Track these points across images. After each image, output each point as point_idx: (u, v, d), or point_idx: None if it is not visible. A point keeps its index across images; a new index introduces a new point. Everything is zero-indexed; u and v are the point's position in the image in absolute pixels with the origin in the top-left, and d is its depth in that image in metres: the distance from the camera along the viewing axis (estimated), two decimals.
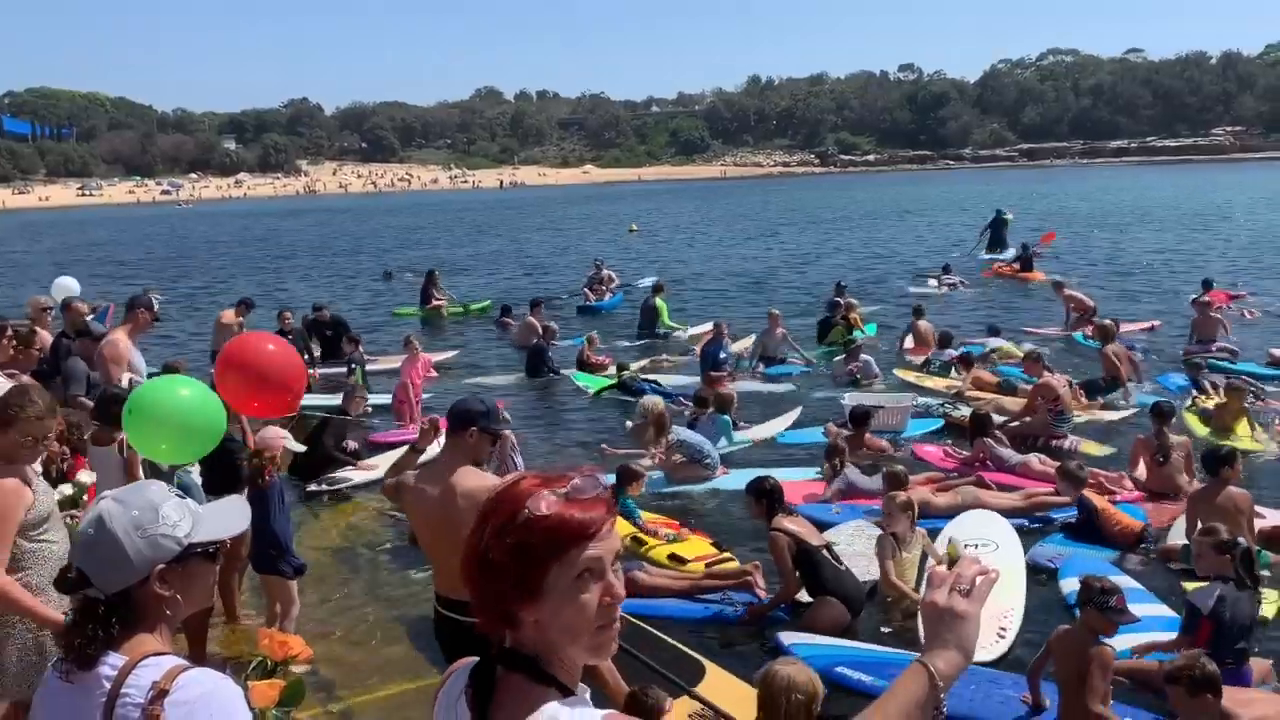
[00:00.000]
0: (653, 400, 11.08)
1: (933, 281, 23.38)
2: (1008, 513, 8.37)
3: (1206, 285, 18.92)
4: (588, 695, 1.61)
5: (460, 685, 1.67)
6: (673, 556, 7.78)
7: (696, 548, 8.03)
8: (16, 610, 3.83)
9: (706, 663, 5.91)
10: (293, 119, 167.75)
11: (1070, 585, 6.66)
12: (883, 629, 6.71)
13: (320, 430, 10.20)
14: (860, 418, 10.51)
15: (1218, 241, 32.50)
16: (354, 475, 10.13)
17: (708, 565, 7.56)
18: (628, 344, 17.48)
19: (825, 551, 6.64)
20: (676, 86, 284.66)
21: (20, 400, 4.02)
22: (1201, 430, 10.48)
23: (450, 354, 16.87)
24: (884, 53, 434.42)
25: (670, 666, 5.28)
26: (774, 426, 11.84)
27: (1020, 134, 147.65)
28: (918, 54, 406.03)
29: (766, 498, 6.78)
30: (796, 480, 9.47)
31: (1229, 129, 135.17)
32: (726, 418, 11.18)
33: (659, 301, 18.34)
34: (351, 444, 10.65)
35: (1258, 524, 7.42)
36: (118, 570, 2.00)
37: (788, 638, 6.26)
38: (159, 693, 1.92)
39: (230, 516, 2.25)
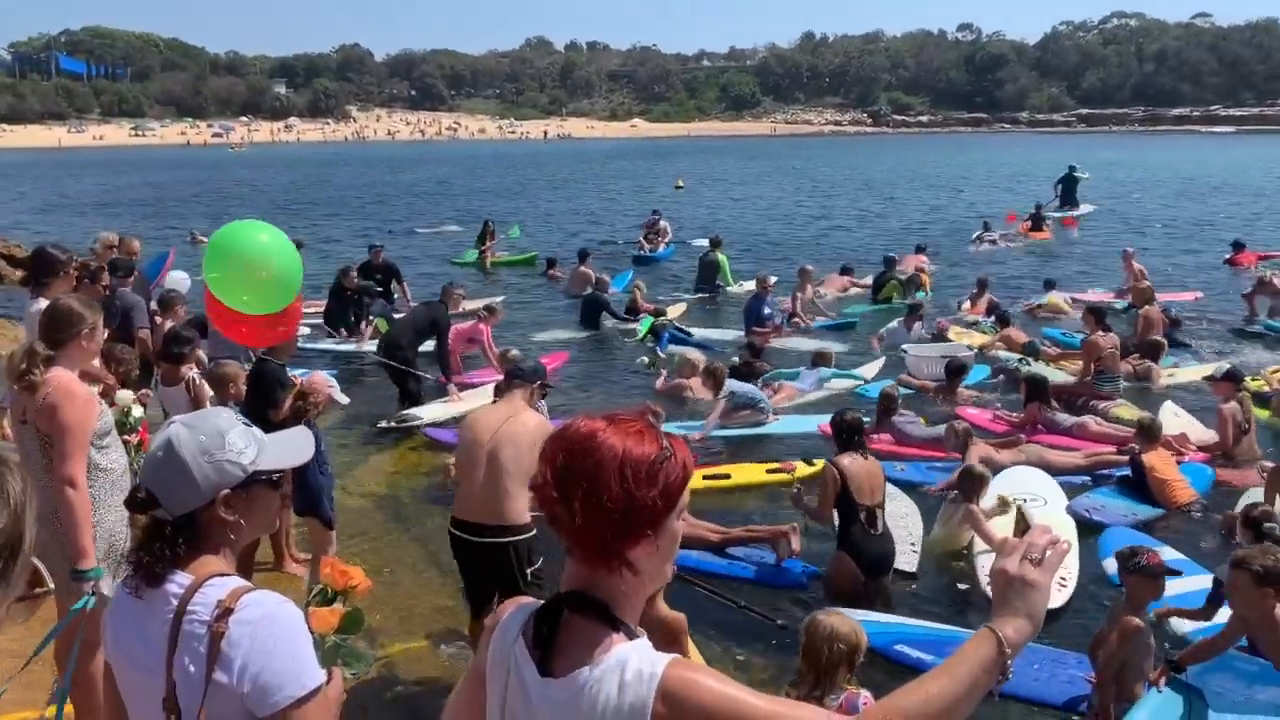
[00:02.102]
0: (695, 354, 11.20)
1: (975, 240, 23.98)
2: (1070, 471, 8.45)
3: (1238, 246, 19.84)
4: (646, 638, 1.63)
5: (516, 625, 1.69)
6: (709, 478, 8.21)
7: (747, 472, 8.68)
8: (74, 528, 3.87)
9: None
10: (343, 64, 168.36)
11: (1112, 565, 6.57)
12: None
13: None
14: (956, 370, 10.95)
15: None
16: (423, 413, 10.24)
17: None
18: (688, 298, 17.38)
19: (865, 513, 6.51)
20: (729, 40, 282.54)
21: (73, 314, 4.12)
22: (1261, 414, 9.91)
23: (498, 299, 16.98)
24: (942, 12, 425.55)
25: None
26: (865, 373, 12.05)
27: (1079, 99, 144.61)
28: (977, 14, 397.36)
29: (840, 430, 6.81)
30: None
31: None
32: (827, 371, 11.71)
33: (720, 256, 18.25)
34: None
35: None
36: (184, 493, 2.05)
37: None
38: (224, 610, 1.96)
39: (295, 446, 2.28)
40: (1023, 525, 7.18)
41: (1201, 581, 6.05)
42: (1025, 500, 7.42)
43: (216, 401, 6.18)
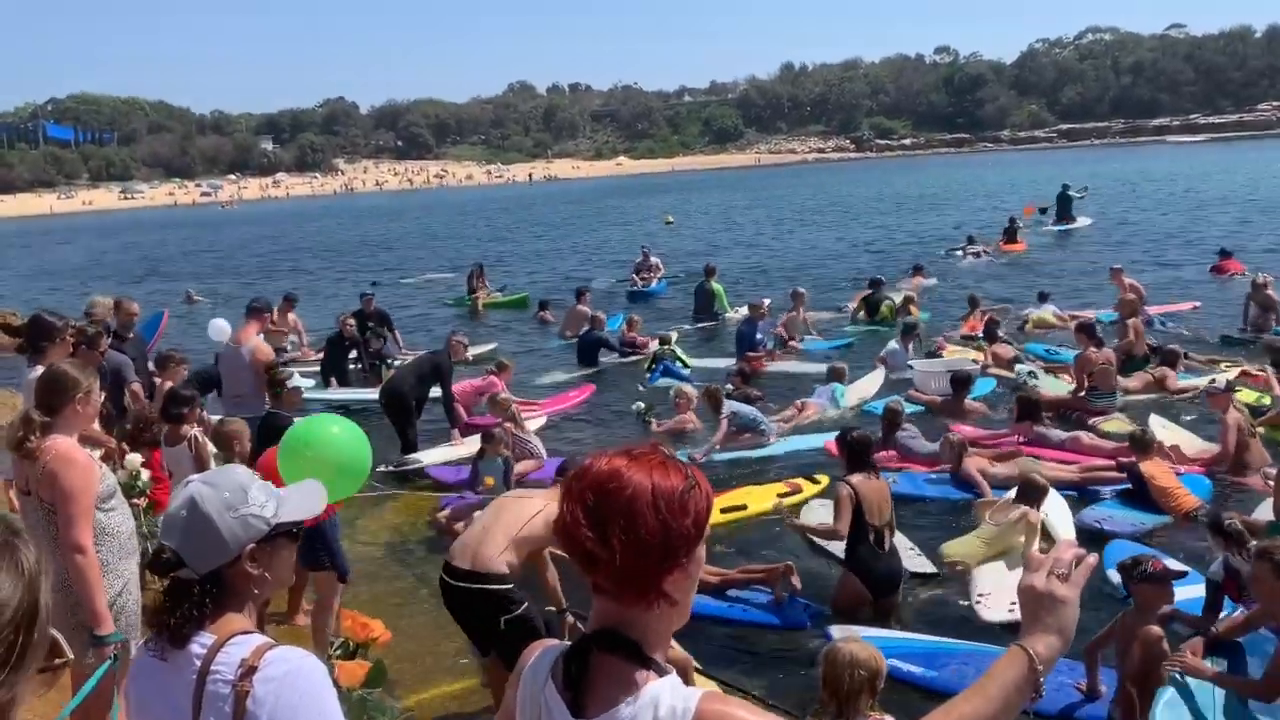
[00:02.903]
0: (689, 387, 11.50)
1: (959, 253, 24.95)
2: (1062, 485, 8.50)
3: (1224, 254, 20.27)
4: (675, 675, 1.62)
5: (545, 668, 1.68)
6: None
7: (758, 498, 8.68)
8: (86, 593, 3.85)
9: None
10: (328, 118, 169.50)
11: (1115, 577, 6.55)
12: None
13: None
14: (961, 382, 11.07)
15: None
16: (423, 457, 10.27)
17: (778, 497, 8.27)
18: (687, 328, 17.49)
19: (874, 533, 6.57)
20: (709, 75, 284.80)
21: (67, 379, 4.12)
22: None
23: (490, 346, 17.00)
24: (919, 36, 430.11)
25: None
26: (869, 387, 12.40)
27: (1059, 114, 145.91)
28: (953, 36, 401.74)
29: (848, 448, 6.88)
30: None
31: (1276, 104, 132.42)
32: (839, 386, 11.92)
33: (715, 285, 18.38)
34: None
35: None
36: (212, 550, 2.05)
37: (837, 631, 6.16)
38: (248, 669, 1.96)
39: (308, 498, 2.29)
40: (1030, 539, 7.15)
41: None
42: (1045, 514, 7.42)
43: (223, 459, 6.16)
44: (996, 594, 6.57)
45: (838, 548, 7.06)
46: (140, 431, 6.81)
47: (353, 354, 14.69)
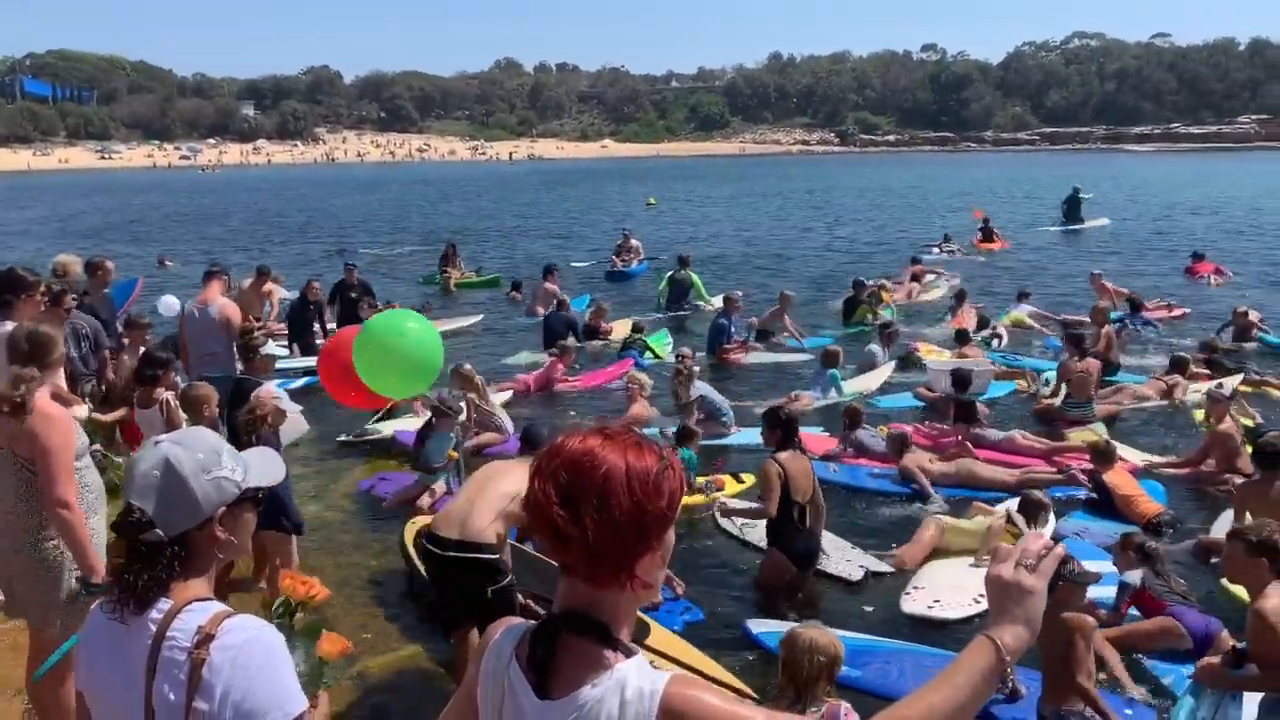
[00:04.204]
0: (644, 376, 11.48)
1: (935, 250, 24.98)
2: (996, 486, 8.71)
3: (1197, 256, 21.41)
4: (642, 655, 1.62)
5: (509, 647, 1.68)
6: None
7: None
8: (77, 546, 3.92)
9: (650, 620, 6.05)
10: (312, 86, 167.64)
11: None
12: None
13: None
14: (961, 381, 10.96)
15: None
16: (384, 428, 10.28)
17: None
18: (658, 316, 17.44)
19: (798, 510, 6.73)
20: (697, 61, 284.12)
21: (51, 340, 4.15)
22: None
23: (476, 319, 16.97)
24: (907, 32, 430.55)
25: None
26: (872, 381, 12.45)
27: (1043, 118, 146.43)
28: (941, 34, 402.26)
29: (781, 427, 6.97)
30: (817, 434, 10.27)
31: (1255, 117, 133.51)
32: (835, 372, 11.92)
33: (693, 275, 18.32)
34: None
35: None
36: (185, 512, 2.02)
37: (755, 625, 6.27)
38: (205, 637, 1.93)
39: (269, 465, 2.27)
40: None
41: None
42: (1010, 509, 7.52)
43: (191, 423, 6.13)
44: (929, 590, 6.70)
45: (755, 536, 7.32)
46: (126, 390, 6.81)
47: (317, 326, 14.67)
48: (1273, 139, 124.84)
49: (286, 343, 14.20)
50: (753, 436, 10.20)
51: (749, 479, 8.97)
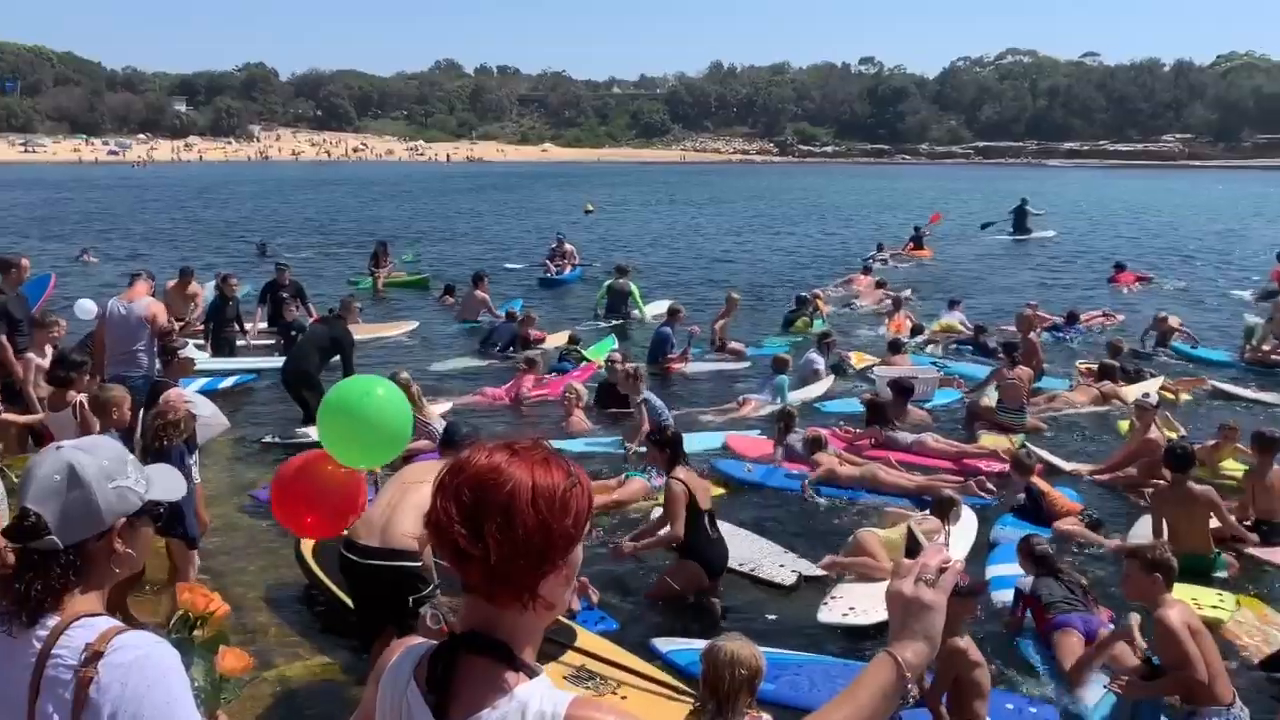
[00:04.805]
0: (580, 386, 11.60)
1: (869, 258, 25.31)
2: (897, 492, 8.96)
3: (1119, 267, 22.48)
4: (546, 674, 1.58)
5: (408, 668, 1.62)
6: None
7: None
8: None
9: (577, 627, 6.02)
10: (246, 83, 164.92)
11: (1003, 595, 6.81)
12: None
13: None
14: (904, 390, 11.30)
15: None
16: (313, 432, 10.06)
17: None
18: (592, 326, 17.21)
19: (707, 518, 6.84)
20: (638, 68, 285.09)
21: None
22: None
23: (411, 326, 16.72)
24: (845, 45, 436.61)
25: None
26: (813, 392, 12.63)
27: (977, 132, 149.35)
28: (878, 48, 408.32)
29: (670, 447, 7.00)
30: (756, 437, 10.60)
31: (1179, 136, 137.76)
32: (784, 378, 12.06)
33: (631, 285, 18.27)
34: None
35: None
36: (85, 521, 1.94)
37: (663, 644, 6.20)
38: (93, 654, 1.85)
39: (171, 480, 2.19)
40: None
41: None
42: (919, 520, 7.59)
43: (101, 427, 5.97)
44: (846, 598, 6.74)
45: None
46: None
47: (249, 324, 14.46)
48: (1196, 157, 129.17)
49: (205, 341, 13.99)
50: (699, 442, 10.29)
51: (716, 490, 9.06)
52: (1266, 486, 7.87)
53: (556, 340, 15.11)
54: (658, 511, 7.35)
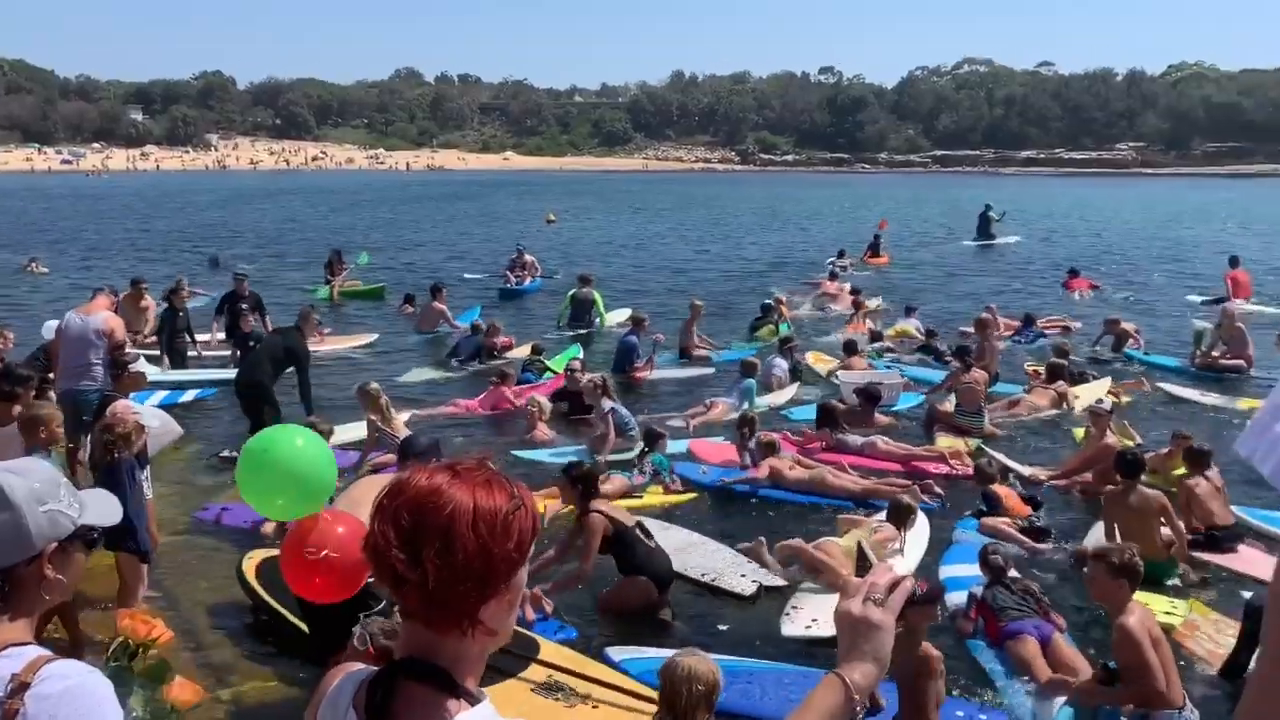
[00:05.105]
0: (544, 399, 11.58)
1: (829, 265, 25.51)
2: (844, 495, 9.07)
3: (1072, 273, 22.94)
4: (489, 701, 1.54)
5: (347, 695, 1.58)
6: None
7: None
8: None
9: (539, 638, 5.99)
10: (203, 92, 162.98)
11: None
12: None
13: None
14: (871, 397, 11.43)
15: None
16: None
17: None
18: (559, 336, 17.17)
19: (637, 530, 6.83)
20: (600, 77, 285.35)
21: None
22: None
23: (371, 337, 16.55)
24: (805, 54, 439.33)
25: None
26: (780, 397, 12.85)
27: (934, 141, 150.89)
28: (837, 57, 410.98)
29: (581, 483, 6.91)
30: (720, 443, 10.76)
31: (1132, 144, 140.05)
32: (752, 382, 12.19)
33: (595, 294, 18.24)
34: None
35: None
36: (15, 545, 1.88)
37: (617, 653, 6.17)
38: (20, 685, 1.78)
39: (107, 506, 2.14)
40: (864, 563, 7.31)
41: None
42: (870, 535, 7.59)
43: (26, 446, 5.77)
44: (808, 610, 6.75)
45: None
46: None
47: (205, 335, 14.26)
48: (1149, 165, 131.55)
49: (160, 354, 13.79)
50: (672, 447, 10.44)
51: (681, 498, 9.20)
52: (1201, 497, 7.96)
53: (520, 352, 15.02)
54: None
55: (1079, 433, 10.91)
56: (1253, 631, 5.80)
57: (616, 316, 17.85)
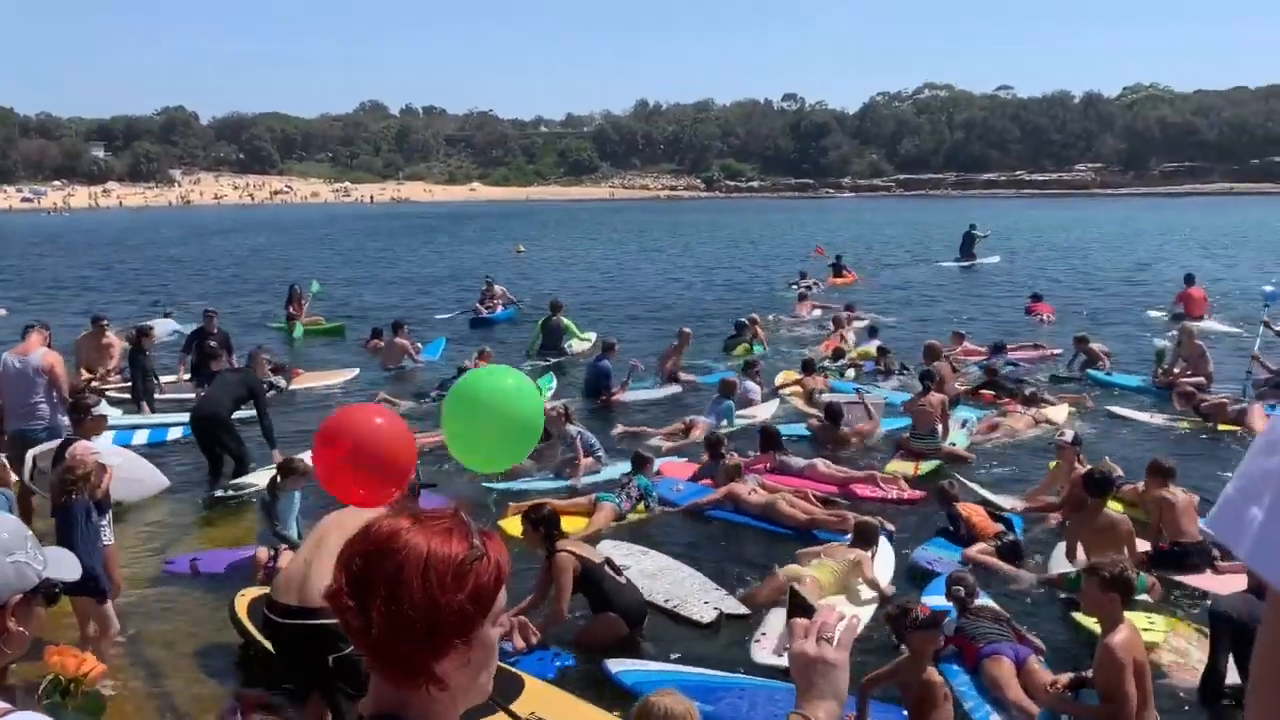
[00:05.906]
0: None
1: (794, 286, 26.02)
2: (789, 525, 9.02)
3: (1036, 297, 23.01)
4: None
5: None
6: None
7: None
8: None
9: (524, 675, 5.92)
10: (166, 127, 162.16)
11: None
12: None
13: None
14: (835, 415, 11.73)
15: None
16: (255, 480, 9.85)
17: None
18: (531, 365, 16.90)
19: (607, 567, 6.83)
20: (565, 107, 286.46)
21: None
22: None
23: (352, 374, 16.35)
24: (767, 82, 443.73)
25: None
26: (761, 412, 12.97)
27: (897, 165, 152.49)
28: (799, 84, 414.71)
29: (544, 525, 6.85)
30: (690, 464, 10.90)
31: (1091, 165, 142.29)
32: (730, 403, 12.44)
33: (566, 320, 18.25)
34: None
35: None
36: None
37: (615, 665, 6.19)
38: None
39: (66, 563, 2.11)
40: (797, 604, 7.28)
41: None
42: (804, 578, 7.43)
43: None
44: (772, 636, 6.71)
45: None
46: None
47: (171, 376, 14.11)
48: (1108, 186, 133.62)
49: (131, 397, 13.57)
50: (619, 472, 10.40)
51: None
52: (1174, 512, 8.01)
53: None
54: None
55: (1052, 464, 10.90)
56: (1218, 637, 5.87)
57: (582, 346, 17.99)
